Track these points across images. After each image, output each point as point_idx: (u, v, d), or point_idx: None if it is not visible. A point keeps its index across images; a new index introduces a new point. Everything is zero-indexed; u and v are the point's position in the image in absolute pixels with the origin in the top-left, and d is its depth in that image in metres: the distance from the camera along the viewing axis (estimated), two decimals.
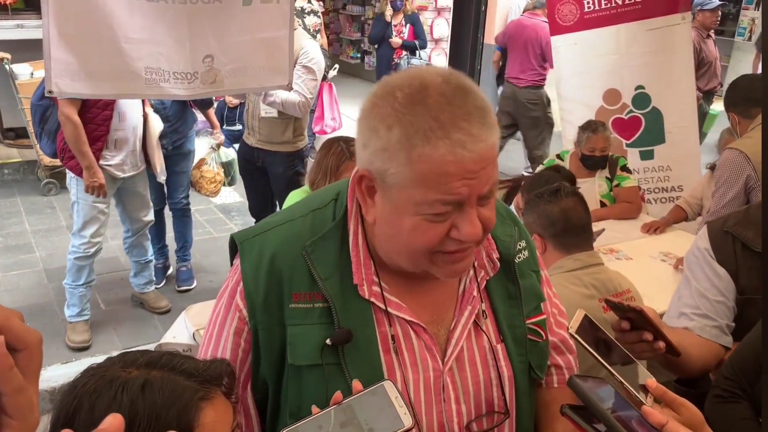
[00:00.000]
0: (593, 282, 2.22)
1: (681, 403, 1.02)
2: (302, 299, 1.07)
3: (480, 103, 0.96)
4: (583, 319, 1.16)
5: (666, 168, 4.72)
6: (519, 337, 1.17)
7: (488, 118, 0.96)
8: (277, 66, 3.12)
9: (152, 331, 3.91)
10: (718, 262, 1.67)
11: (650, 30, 4.49)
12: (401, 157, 0.94)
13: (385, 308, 1.09)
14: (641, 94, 4.63)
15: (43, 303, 4.16)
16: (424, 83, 0.96)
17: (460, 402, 1.12)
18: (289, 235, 1.11)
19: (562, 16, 4.72)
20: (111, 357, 0.89)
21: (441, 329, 1.13)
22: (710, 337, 1.64)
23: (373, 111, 0.98)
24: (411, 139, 0.93)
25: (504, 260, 1.17)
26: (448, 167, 0.93)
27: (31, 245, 4.99)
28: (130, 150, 3.63)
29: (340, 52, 11.61)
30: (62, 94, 2.95)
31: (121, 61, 2.82)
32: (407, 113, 0.94)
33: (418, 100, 0.94)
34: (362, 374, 1.04)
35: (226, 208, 5.90)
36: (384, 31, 7.42)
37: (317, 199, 1.17)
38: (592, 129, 3.84)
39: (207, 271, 4.74)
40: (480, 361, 1.14)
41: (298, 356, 1.07)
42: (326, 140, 2.92)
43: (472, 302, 1.15)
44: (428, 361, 1.10)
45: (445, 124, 0.92)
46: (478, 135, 0.93)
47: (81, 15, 2.72)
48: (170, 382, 0.82)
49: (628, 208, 3.91)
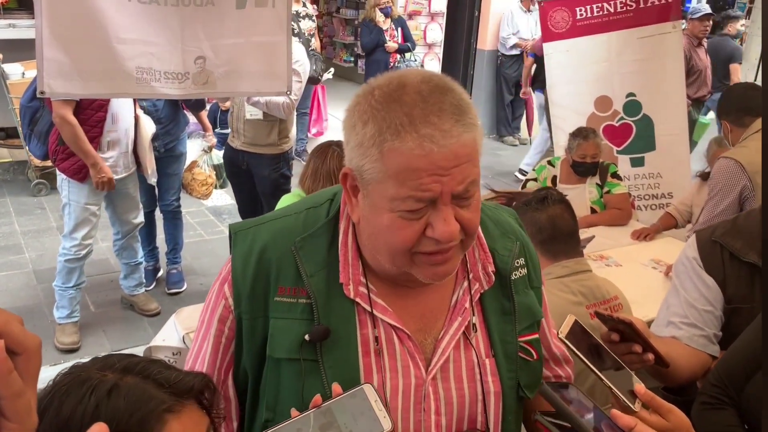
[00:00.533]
0: (581, 289, 2.24)
1: (669, 409, 1.03)
2: (287, 293, 1.08)
3: (457, 101, 0.96)
4: (573, 325, 1.17)
5: (656, 175, 4.76)
6: (510, 354, 1.15)
7: (465, 117, 0.96)
8: (275, 71, 3.10)
9: (142, 333, 3.89)
10: (707, 271, 1.69)
11: (641, 38, 4.53)
12: (374, 153, 0.96)
13: (371, 310, 1.09)
14: (632, 101, 4.67)
15: (32, 304, 4.14)
16: (402, 82, 0.97)
17: (440, 413, 1.10)
18: (281, 229, 1.13)
19: (555, 23, 4.75)
20: (96, 358, 0.89)
21: (428, 338, 1.12)
22: (698, 347, 1.65)
23: (354, 109, 1.00)
24: (383, 134, 0.95)
25: (500, 275, 1.16)
26: (417, 162, 0.93)
27: (20, 246, 4.96)
28: (123, 151, 3.63)
29: (334, 56, 11.62)
30: (54, 95, 2.94)
31: (112, 61, 2.82)
32: (382, 109, 0.95)
33: (395, 98, 0.95)
34: (338, 373, 1.05)
35: (217, 210, 5.89)
36: (378, 37, 7.44)
37: (314, 199, 1.19)
38: (582, 136, 3.86)
39: (197, 273, 4.73)
40: (466, 374, 1.12)
41: (277, 349, 1.08)
42: (318, 146, 2.91)
43: (463, 314, 1.13)
44: (410, 368, 1.09)
45: (415, 119, 0.93)
46: (449, 131, 0.93)
47: (74, 15, 2.72)
48: (138, 389, 0.82)
49: (619, 215, 3.94)
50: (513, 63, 8.32)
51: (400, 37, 7.55)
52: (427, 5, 9.33)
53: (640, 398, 1.05)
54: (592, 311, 2.28)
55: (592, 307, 2.29)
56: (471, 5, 7.63)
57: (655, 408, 1.03)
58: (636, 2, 4.49)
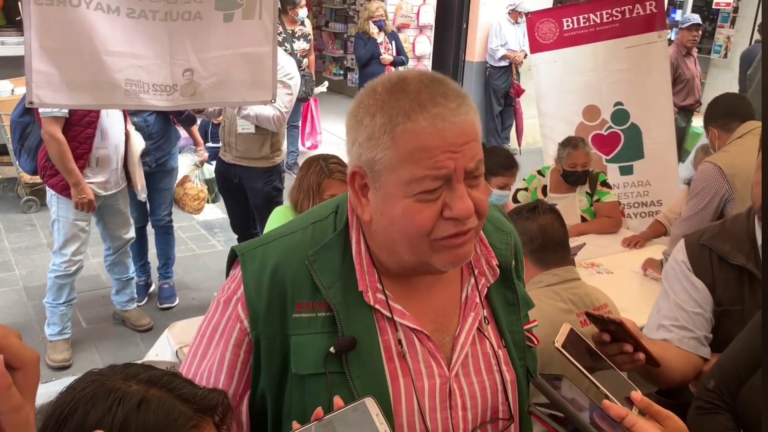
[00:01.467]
0: (571, 297, 2.26)
1: (666, 416, 1.03)
2: (305, 308, 1.08)
3: (456, 87, 1.02)
4: (569, 333, 1.18)
5: (645, 183, 4.80)
6: (518, 342, 1.19)
7: (466, 99, 1.01)
8: (260, 81, 3.14)
9: (134, 348, 3.87)
10: (696, 274, 1.70)
11: (627, 48, 4.58)
12: (386, 140, 0.99)
13: (391, 316, 1.10)
14: (620, 110, 4.72)
15: (23, 321, 4.11)
16: (402, 76, 1.03)
17: (466, 408, 1.12)
18: (290, 246, 1.12)
19: (542, 35, 4.80)
20: (114, 366, 0.89)
21: (446, 336, 1.14)
22: (689, 349, 1.67)
23: (358, 108, 1.04)
24: (393, 120, 0.98)
25: (502, 267, 1.20)
26: (431, 140, 0.97)
27: (10, 263, 4.93)
28: (113, 168, 3.62)
29: (323, 69, 11.67)
30: (43, 105, 2.96)
31: (101, 73, 2.84)
32: (389, 100, 1.00)
33: (399, 88, 1.00)
34: (366, 382, 1.05)
35: (209, 224, 5.88)
36: (373, 49, 7.48)
37: (316, 213, 1.19)
38: (572, 145, 3.89)
39: (189, 288, 4.71)
40: (484, 366, 1.15)
41: (301, 365, 1.07)
42: (306, 159, 2.94)
43: (475, 309, 1.16)
44: (433, 368, 1.11)
45: (424, 101, 0.98)
46: (456, 109, 0.98)
47: (62, 28, 2.73)
48: (167, 404, 0.82)
49: (609, 223, 3.96)
50: (502, 74, 8.38)
51: (394, 51, 7.60)
52: (415, 18, 9.39)
53: (636, 405, 1.06)
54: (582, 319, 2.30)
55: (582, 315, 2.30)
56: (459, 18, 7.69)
57: (652, 414, 1.04)
58: (622, 13, 4.54)
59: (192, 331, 2.53)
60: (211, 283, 4.78)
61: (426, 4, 9.27)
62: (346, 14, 11.24)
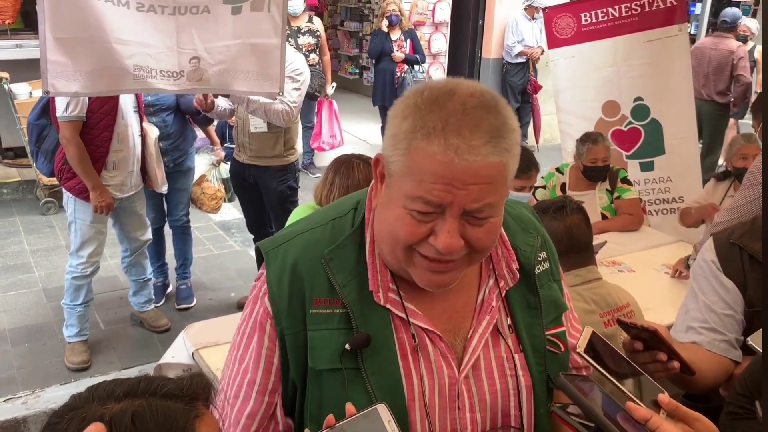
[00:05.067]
0: (593, 297, 2.21)
1: (696, 418, 1.00)
2: (322, 305, 1.09)
3: (499, 123, 0.96)
4: (591, 337, 1.14)
5: (666, 179, 4.72)
6: (538, 347, 1.17)
7: (500, 141, 0.95)
8: (267, 73, 3.16)
9: (152, 350, 3.87)
10: (725, 274, 1.64)
11: (647, 42, 4.51)
12: (402, 147, 0.98)
13: (406, 316, 1.10)
14: (640, 105, 4.64)
15: (42, 323, 4.12)
16: (453, 90, 0.98)
17: (475, 411, 1.12)
18: (309, 243, 1.14)
19: (560, 29, 4.73)
20: (78, 394, 0.83)
21: (457, 338, 1.14)
22: (719, 352, 1.61)
23: (403, 102, 1.02)
24: (415, 132, 0.96)
25: (524, 270, 1.18)
26: (435, 167, 0.95)
27: (29, 265, 4.95)
28: (129, 171, 3.61)
29: (339, 68, 11.65)
30: (58, 94, 3.05)
31: (111, 60, 2.93)
32: (423, 110, 0.97)
33: (439, 103, 0.97)
34: (381, 378, 1.07)
35: (226, 225, 5.87)
36: (382, 44, 7.43)
37: (337, 209, 1.20)
38: (592, 140, 3.82)
39: (207, 288, 4.71)
40: (497, 370, 1.14)
41: (318, 360, 1.09)
42: (337, 162, 2.69)
43: (490, 312, 1.15)
44: (444, 368, 1.11)
45: (448, 127, 0.94)
46: (476, 147, 0.94)
47: (74, 19, 2.83)
48: (159, 408, 0.78)
49: (630, 220, 3.89)
50: (518, 71, 8.30)
51: (408, 48, 7.54)
52: (431, 15, 9.34)
53: (664, 408, 1.02)
54: (605, 319, 2.25)
55: (606, 315, 2.26)
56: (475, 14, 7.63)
57: (681, 417, 1.00)
58: (641, 6, 4.47)
59: (208, 332, 2.54)
60: (228, 284, 4.77)
61: (442, 1, 9.22)
62: (361, 13, 11.21)
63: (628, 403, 0.96)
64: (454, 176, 0.94)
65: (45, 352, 3.82)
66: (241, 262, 5.11)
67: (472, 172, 0.94)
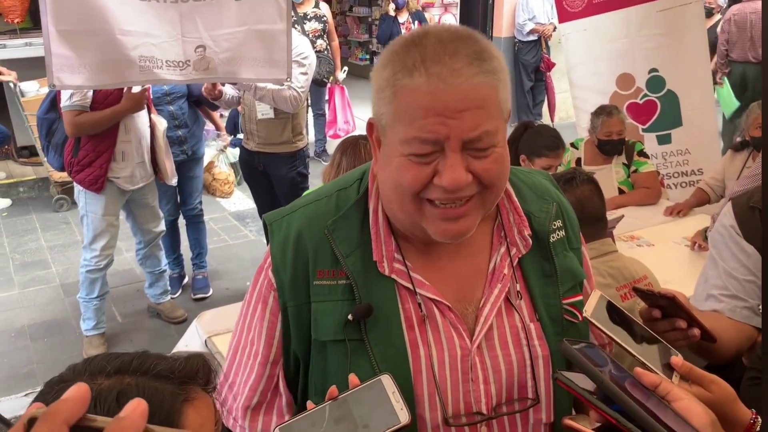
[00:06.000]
0: (609, 270, 2.16)
1: (711, 380, 0.96)
2: (326, 276, 1.08)
3: (480, 48, 0.94)
4: (598, 301, 1.08)
5: (684, 152, 4.62)
6: (555, 316, 1.12)
7: (483, 63, 0.92)
8: (275, 59, 3.11)
9: (169, 341, 3.86)
10: (746, 239, 1.57)
11: (661, 11, 4.39)
12: (388, 95, 0.95)
13: (413, 287, 1.07)
14: (655, 77, 4.54)
15: (61, 318, 4.15)
16: (426, 30, 0.97)
17: (489, 382, 1.08)
18: (313, 213, 1.12)
19: (570, 3, 4.63)
20: (74, 366, 0.81)
21: (469, 307, 1.10)
22: (741, 319, 1.54)
23: (380, 57, 1.01)
24: (396, 75, 0.94)
25: (538, 237, 1.13)
26: (423, 100, 0.91)
27: (47, 261, 4.99)
28: (138, 161, 3.59)
29: (349, 55, 11.58)
30: (64, 87, 3.05)
31: (116, 52, 2.90)
32: (401, 52, 0.95)
33: (415, 43, 0.95)
34: (384, 350, 1.05)
35: (240, 215, 5.87)
36: (390, 28, 7.35)
37: (344, 180, 1.18)
38: (606, 112, 3.74)
39: (223, 278, 4.70)
40: (512, 340, 1.10)
41: (321, 332, 1.07)
42: (344, 143, 2.71)
43: (502, 280, 1.11)
44: (455, 339, 1.07)
45: (427, 59, 0.92)
46: (459, 69, 0.91)
47: (77, 11, 2.80)
48: (147, 389, 0.75)
49: (648, 194, 3.81)
50: (531, 49, 8.19)
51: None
52: None
53: (677, 371, 0.97)
54: (622, 293, 2.19)
55: (623, 289, 2.20)
56: None
57: (696, 380, 0.96)
58: None
59: (220, 320, 2.51)
60: (244, 273, 4.76)
61: None
62: None
63: (636, 369, 0.92)
64: (443, 105, 0.91)
65: (64, 347, 3.84)
66: (256, 252, 5.10)
67: (461, 96, 0.91)
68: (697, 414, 0.86)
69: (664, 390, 0.89)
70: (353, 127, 7.30)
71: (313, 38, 6.34)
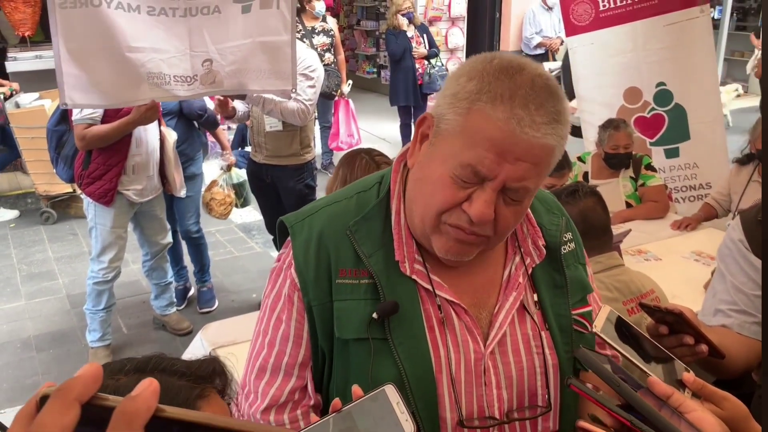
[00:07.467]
0: (615, 284, 2.14)
1: (723, 397, 0.95)
2: (349, 275, 1.10)
3: (559, 110, 0.97)
4: (608, 316, 1.07)
5: (692, 165, 4.59)
6: (565, 327, 1.15)
7: (559, 126, 0.96)
8: (279, 71, 3.13)
9: (174, 353, 3.80)
10: (754, 253, 1.56)
11: (668, 25, 4.39)
12: (463, 106, 0.97)
13: (432, 287, 1.09)
14: (663, 90, 4.52)
15: (67, 329, 4.16)
16: (523, 66, 0.99)
17: (501, 387, 1.10)
18: (334, 214, 1.14)
19: (577, 16, 4.64)
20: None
21: (483, 313, 1.12)
22: (750, 335, 1.52)
23: (468, 65, 1.02)
24: (480, 94, 0.96)
25: (550, 249, 1.17)
26: (495, 134, 0.94)
27: (54, 272, 5.00)
28: (148, 175, 3.60)
29: (357, 68, 11.63)
30: (76, 106, 3.05)
31: (125, 71, 2.90)
32: (492, 75, 0.97)
33: (509, 73, 0.96)
34: (408, 348, 1.06)
35: (247, 227, 5.87)
36: (405, 43, 7.36)
37: (361, 184, 1.20)
38: (614, 126, 3.74)
39: (229, 290, 4.70)
40: (524, 347, 1.12)
41: (344, 330, 1.09)
42: (346, 155, 2.76)
43: (517, 288, 1.14)
44: (469, 343, 1.10)
45: (515, 98, 0.94)
46: (538, 125, 0.94)
47: (86, 29, 2.80)
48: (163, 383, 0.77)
49: (655, 208, 3.79)
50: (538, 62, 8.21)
51: (426, 44, 7.47)
52: (446, 10, 9.26)
53: (689, 387, 0.96)
54: (629, 307, 2.18)
55: (629, 303, 2.19)
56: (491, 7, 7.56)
57: (708, 396, 0.95)
58: None
59: (225, 332, 2.51)
60: (250, 285, 4.76)
61: None
62: (377, 11, 11.20)
63: (650, 378, 0.91)
64: (508, 148, 0.94)
65: (69, 358, 3.84)
66: (262, 264, 5.10)
67: (527, 148, 0.94)
68: (710, 424, 0.86)
69: (677, 401, 0.89)
70: (358, 140, 7.31)
71: (321, 52, 6.38)
